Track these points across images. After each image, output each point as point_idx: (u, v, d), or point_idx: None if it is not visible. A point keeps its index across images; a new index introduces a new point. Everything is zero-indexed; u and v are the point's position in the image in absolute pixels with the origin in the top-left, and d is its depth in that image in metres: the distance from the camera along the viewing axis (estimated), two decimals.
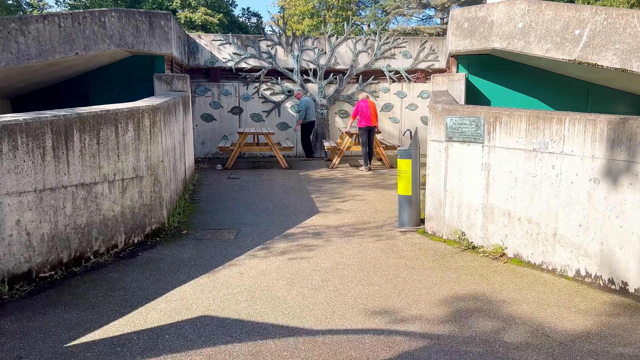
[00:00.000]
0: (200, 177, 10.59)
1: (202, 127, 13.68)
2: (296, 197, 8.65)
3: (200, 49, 13.51)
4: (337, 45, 13.81)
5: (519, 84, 10.57)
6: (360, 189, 9.35)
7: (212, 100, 13.66)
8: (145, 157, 6.07)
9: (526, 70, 10.52)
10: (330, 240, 6.21)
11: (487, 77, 10.69)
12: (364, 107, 11.29)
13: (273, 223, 7.02)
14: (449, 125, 6.00)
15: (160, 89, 10.36)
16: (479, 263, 5.36)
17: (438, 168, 6.20)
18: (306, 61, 13.81)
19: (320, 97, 13.82)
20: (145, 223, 6.12)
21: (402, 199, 6.71)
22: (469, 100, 10.60)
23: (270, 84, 13.80)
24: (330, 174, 11.02)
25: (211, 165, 12.20)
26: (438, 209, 6.24)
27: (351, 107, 14.01)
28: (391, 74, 13.97)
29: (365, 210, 7.71)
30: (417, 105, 14.07)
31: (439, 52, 13.87)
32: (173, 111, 7.66)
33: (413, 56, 13.93)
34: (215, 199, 8.59)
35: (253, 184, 9.87)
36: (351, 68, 13.87)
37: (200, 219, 7.24)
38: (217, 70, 13.67)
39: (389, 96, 14.08)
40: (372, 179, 10.46)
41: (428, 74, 14.04)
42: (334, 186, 9.66)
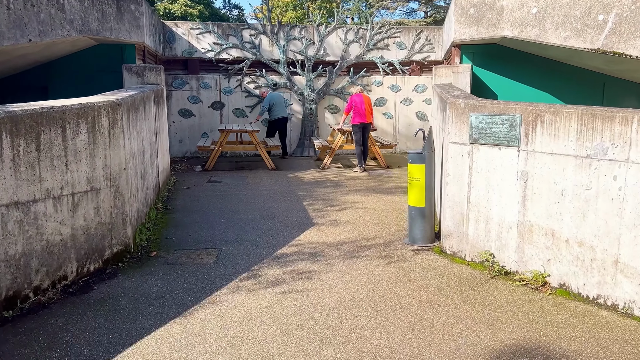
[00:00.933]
0: (177, 181, 9.38)
1: (179, 123, 12.43)
2: (286, 205, 7.52)
3: (177, 39, 12.24)
4: (326, 34, 12.66)
5: (528, 76, 9.56)
6: (357, 194, 8.25)
7: (191, 95, 12.41)
8: (103, 165, 4.87)
9: (536, 61, 9.51)
10: (331, 263, 5.09)
11: (494, 68, 9.65)
12: (358, 102, 10.18)
13: (261, 239, 5.89)
14: (475, 125, 4.91)
15: (131, 81, 9.10)
16: (517, 295, 4.30)
17: (460, 176, 5.12)
18: (293, 52, 12.64)
19: (309, 90, 12.67)
20: (104, 246, 4.93)
21: (414, 211, 5.62)
22: (474, 94, 9.55)
23: (255, 77, 12.61)
24: (322, 176, 9.90)
25: (190, 166, 10.99)
26: (459, 225, 5.17)
27: (342, 101, 12.89)
28: (384, 66, 12.87)
29: (367, 222, 6.61)
30: (412, 99, 13.01)
31: (436, 42, 12.81)
32: (141, 107, 6.45)
33: (408, 47, 12.85)
34: (193, 207, 7.41)
35: (237, 189, 8.70)
36: (342, 60, 12.74)
37: (174, 235, 6.06)
38: (195, 62, 12.42)
39: (382, 90, 12.99)
40: (369, 181, 9.37)
41: (424, 66, 12.98)
42: (328, 191, 8.54)
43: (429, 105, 12.95)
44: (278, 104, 11.56)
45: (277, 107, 11.53)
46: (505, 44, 9.31)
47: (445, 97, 5.62)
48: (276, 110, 11.50)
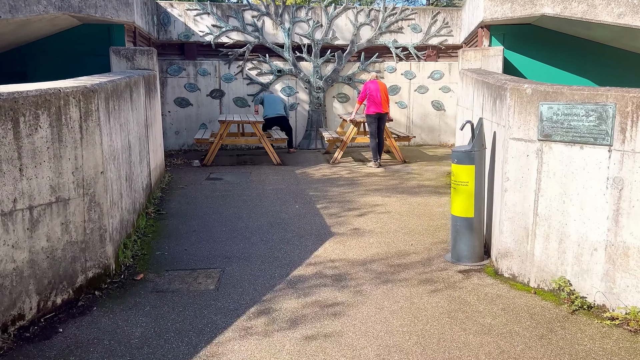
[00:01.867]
0: (172, 178, 8.28)
1: (175, 113, 11.30)
2: (297, 208, 6.44)
3: (172, 21, 11.06)
4: (335, 16, 11.49)
5: (565, 60, 8.45)
6: (377, 195, 7.17)
7: (188, 82, 11.26)
8: (73, 169, 3.78)
9: (575, 43, 8.40)
10: (361, 291, 4.02)
11: (527, 51, 8.54)
12: (373, 90, 9.06)
13: (271, 255, 4.81)
14: (547, 117, 3.82)
15: (119, 66, 7.96)
16: (615, 342, 3.23)
17: (523, 180, 4.03)
18: (299, 35, 11.48)
19: (316, 78, 11.53)
20: (75, 271, 3.85)
21: (460, 222, 4.54)
22: None
23: (257, 63, 11.45)
24: (334, 172, 8.81)
25: (187, 161, 9.88)
26: (522, 242, 4.09)
27: (352, 89, 11.76)
28: (398, 50, 11.72)
29: (395, 231, 5.54)
30: (427, 87, 11.88)
31: (453, 25, 11.65)
32: (127, 95, 5.33)
33: (423, 30, 11.69)
34: (189, 212, 6.32)
35: (239, 188, 7.60)
36: (352, 44, 11.58)
37: (167, 249, 4.98)
38: (193, 46, 11.25)
39: (395, 77, 11.85)
40: (387, 178, 8.28)
41: (440, 51, 11.84)
42: (343, 190, 7.45)
43: (446, 94, 11.83)
44: (271, 101, 10.47)
45: (272, 106, 10.41)
46: (542, 23, 8.18)
47: (500, 82, 4.51)
48: (269, 108, 10.39)
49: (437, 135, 12.00)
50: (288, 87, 11.58)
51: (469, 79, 6.76)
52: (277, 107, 10.48)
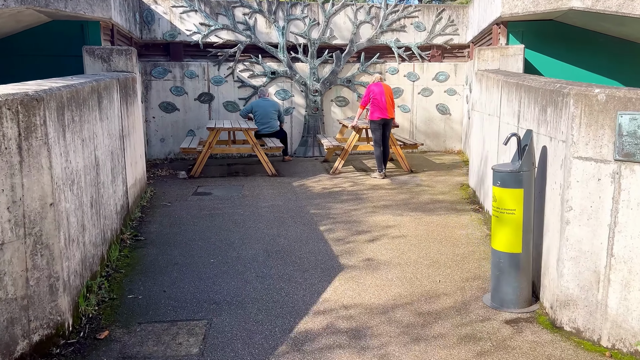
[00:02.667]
0: (155, 193, 7.31)
1: (161, 119, 10.32)
2: (298, 231, 5.52)
3: (156, 19, 10.09)
4: (333, 14, 10.58)
5: (590, 60, 7.60)
6: (387, 213, 6.26)
7: (174, 85, 10.29)
8: (9, 203, 2.83)
9: (602, 41, 7.56)
10: (387, 354, 3.10)
11: (548, 50, 7.68)
12: (377, 93, 8.16)
13: (269, 299, 3.88)
14: (628, 131, 2.93)
15: (93, 67, 6.99)
16: None
17: (594, 211, 3.14)
18: (294, 34, 10.55)
19: (313, 80, 10.61)
20: (13, 337, 2.90)
21: (504, 259, 3.64)
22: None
23: (249, 64, 10.51)
24: (335, 185, 7.89)
25: (173, 172, 8.91)
26: (590, 289, 3.20)
27: (351, 92, 10.86)
28: (400, 50, 10.83)
29: (417, 262, 4.63)
30: (432, 90, 11.01)
31: (459, 23, 10.79)
32: (93, 103, 4.37)
33: (427, 29, 10.82)
34: (171, 238, 5.38)
35: (230, 205, 6.66)
36: (351, 43, 10.68)
37: (142, 291, 4.04)
38: (179, 46, 10.28)
39: (397, 79, 10.96)
40: (396, 192, 7.38)
41: (445, 50, 10.97)
42: (348, 207, 6.54)
43: (452, 97, 10.96)
44: (262, 114, 9.46)
45: (261, 118, 9.47)
46: (566, 19, 7.31)
47: (552, 86, 3.62)
48: (259, 121, 9.45)
49: (443, 141, 11.12)
50: (283, 90, 10.66)
51: (492, 81, 5.88)
52: (269, 118, 9.51)
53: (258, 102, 9.71)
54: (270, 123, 9.56)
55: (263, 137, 9.57)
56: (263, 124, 9.48)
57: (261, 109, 9.55)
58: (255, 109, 9.60)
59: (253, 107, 9.66)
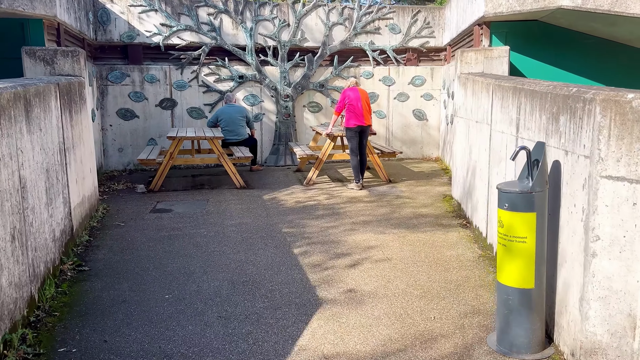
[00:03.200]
0: (109, 211, 6.51)
1: (118, 127, 9.48)
2: (268, 256, 4.83)
3: (113, 18, 9.26)
4: (304, 15, 9.94)
5: (578, 63, 7.16)
6: (367, 230, 5.63)
7: (133, 90, 9.47)
8: None
9: (590, 43, 7.13)
10: None
11: (533, 53, 7.22)
12: (353, 99, 7.55)
13: (234, 350, 3.18)
14: None
15: (34, 71, 6.14)
16: None
17: (627, 242, 2.57)
18: (263, 36, 9.87)
19: (284, 84, 9.94)
20: None
21: (514, 296, 3.04)
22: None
23: (215, 67, 9.77)
24: (310, 197, 7.23)
25: (131, 185, 8.10)
26: (624, 335, 2.63)
27: (324, 98, 10.23)
28: (375, 54, 10.27)
29: (405, 292, 4.01)
30: (408, 95, 10.48)
31: (435, 25, 10.30)
32: (17, 113, 3.59)
33: (402, 31, 10.29)
34: (121, 266, 4.62)
35: (193, 224, 5.93)
36: (323, 46, 10.06)
37: (77, 343, 3.28)
38: (138, 48, 9.47)
39: (372, 83, 10.39)
40: (375, 205, 6.76)
41: (421, 53, 10.47)
42: (324, 224, 5.88)
43: (429, 102, 10.46)
44: (229, 121, 8.75)
45: (228, 125, 8.75)
46: (552, 19, 6.86)
47: (567, 90, 3.05)
48: (226, 129, 8.73)
49: (420, 148, 10.60)
50: (251, 95, 9.96)
51: (480, 85, 5.33)
52: (237, 125, 8.80)
53: (224, 109, 8.99)
54: (238, 130, 8.85)
55: (231, 145, 8.85)
56: (230, 132, 8.76)
57: (227, 116, 8.83)
58: (221, 116, 8.88)
59: (218, 114, 8.94)
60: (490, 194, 4.81)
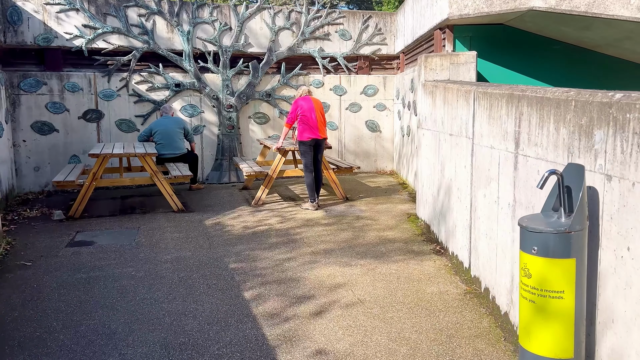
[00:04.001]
0: (14, 246, 5.28)
1: (34, 143, 8.14)
2: (213, 304, 3.86)
3: (25, 18, 7.95)
4: (247, 18, 9.03)
5: (547, 70, 6.69)
6: (330, 261, 4.77)
7: (51, 101, 8.17)
8: None
9: (557, 49, 6.67)
10: None
11: (497, 59, 6.67)
12: (306, 109, 6.71)
13: None
14: None
15: None
16: None
17: None
18: (202, 40, 8.87)
19: (226, 93, 8.96)
20: None
21: None
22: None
23: (148, 74, 8.66)
24: (260, 221, 6.29)
25: (47, 211, 6.83)
26: None
27: (271, 108, 9.34)
28: (325, 61, 9.51)
29: (391, 352, 3.14)
30: (360, 105, 9.78)
31: (387, 32, 9.69)
32: None
33: (353, 37, 9.60)
34: (19, 329, 3.49)
35: (118, 261, 4.84)
36: (269, 52, 9.18)
37: None
38: (56, 53, 8.20)
39: (323, 92, 9.62)
40: (335, 228, 5.92)
41: (373, 61, 9.82)
42: (279, 255, 4.97)
43: (382, 112, 9.80)
44: (164, 134, 7.67)
45: (163, 139, 7.68)
46: (521, 23, 6.33)
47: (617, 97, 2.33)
48: (161, 143, 7.66)
49: (374, 161, 9.91)
50: (190, 106, 8.90)
51: (455, 93, 4.63)
52: (174, 139, 7.74)
53: (159, 121, 7.90)
54: (175, 145, 7.78)
55: (167, 162, 7.76)
56: (166, 147, 7.68)
57: (163, 129, 7.74)
58: (156, 128, 7.78)
59: (152, 127, 7.83)
60: (473, 219, 4.09)
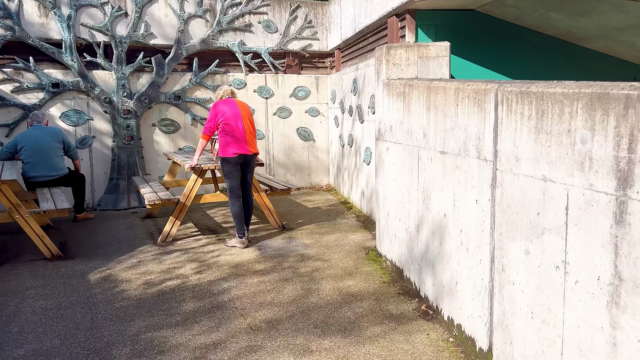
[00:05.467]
0: None
1: None
2: None
3: None
4: (148, 1, 7.11)
5: (522, 66, 5.51)
6: (279, 347, 3.13)
7: None
8: None
9: (536, 43, 5.53)
10: None
11: (466, 52, 5.39)
12: (230, 116, 4.99)
13: None
14: None
15: None
16: None
17: None
18: (89, 29, 6.81)
19: (123, 95, 6.97)
20: None
21: None
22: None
23: (13, 71, 6.45)
24: (169, 272, 4.48)
25: None
26: None
27: (182, 113, 7.48)
28: (247, 57, 7.82)
29: None
30: (290, 109, 8.20)
31: (319, 25, 8.20)
32: None
33: (280, 30, 8.00)
34: None
35: None
36: (178, 45, 7.32)
37: None
38: None
39: (246, 95, 7.90)
40: (276, 278, 4.28)
41: (303, 59, 8.29)
42: (200, 340, 3.24)
43: (315, 118, 8.29)
44: (35, 150, 5.58)
45: (32, 157, 5.61)
46: (498, 9, 5.09)
47: None
48: (29, 162, 5.61)
49: (307, 175, 8.37)
50: (74, 112, 6.81)
51: (452, 95, 3.20)
52: (49, 156, 5.68)
53: (28, 133, 5.79)
54: (51, 164, 5.71)
55: (40, 187, 5.67)
56: (37, 167, 5.60)
57: (32, 143, 5.65)
58: (23, 142, 5.67)
59: (18, 140, 5.71)
60: (499, 282, 2.67)
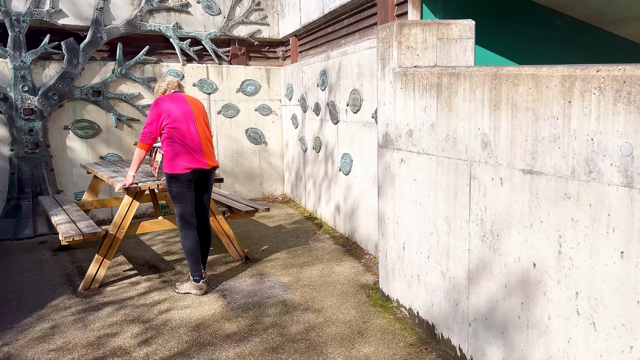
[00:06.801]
0: None
1: None
2: None
3: None
4: None
5: (538, 49, 4.58)
6: None
7: None
8: None
9: (559, 26, 4.63)
10: None
11: (478, 35, 4.36)
12: (178, 117, 3.59)
13: None
14: None
15: None
16: None
17: None
18: None
19: (22, 90, 5.25)
20: None
21: None
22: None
23: None
24: (99, 344, 3.03)
25: None
26: None
27: (102, 112, 5.85)
28: (184, 44, 6.34)
29: None
30: (237, 107, 6.82)
31: (269, 8, 6.88)
32: None
33: (223, 12, 6.59)
34: None
35: None
36: (96, 26, 5.68)
37: None
38: None
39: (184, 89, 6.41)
40: (260, 349, 2.99)
41: (252, 48, 6.94)
42: None
43: (266, 117, 6.99)
44: None
45: None
46: None
47: None
48: None
49: (259, 184, 7.05)
50: None
51: (558, 85, 2.10)
52: None
53: None
54: None
55: None
56: None
57: None
58: None
59: None
60: None
